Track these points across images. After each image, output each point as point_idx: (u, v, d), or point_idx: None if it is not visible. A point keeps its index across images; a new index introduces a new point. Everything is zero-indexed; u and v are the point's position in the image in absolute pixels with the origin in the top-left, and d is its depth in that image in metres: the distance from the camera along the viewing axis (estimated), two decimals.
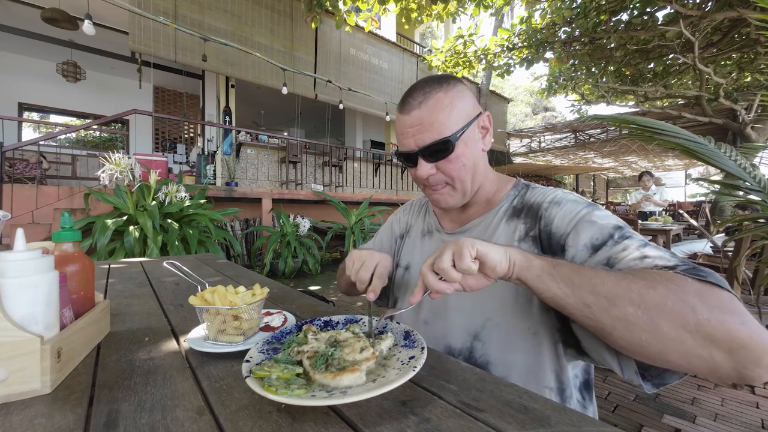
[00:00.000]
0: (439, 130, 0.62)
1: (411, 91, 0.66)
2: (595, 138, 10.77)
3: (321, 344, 0.48)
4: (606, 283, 0.44)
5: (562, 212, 0.60)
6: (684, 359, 0.40)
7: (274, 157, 7.13)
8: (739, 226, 2.46)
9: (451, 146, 0.62)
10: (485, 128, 0.69)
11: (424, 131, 0.63)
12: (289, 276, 4.66)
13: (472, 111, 0.66)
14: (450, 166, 0.64)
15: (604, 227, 0.55)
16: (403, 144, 0.67)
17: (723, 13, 4.31)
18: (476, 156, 0.66)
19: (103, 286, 1.02)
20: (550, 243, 0.60)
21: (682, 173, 16.91)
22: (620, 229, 0.55)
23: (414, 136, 0.64)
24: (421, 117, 0.63)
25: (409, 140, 0.64)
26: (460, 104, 0.64)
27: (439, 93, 0.63)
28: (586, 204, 0.61)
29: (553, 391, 0.58)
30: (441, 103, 0.63)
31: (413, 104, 0.64)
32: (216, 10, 5.74)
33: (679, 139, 1.35)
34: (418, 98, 0.64)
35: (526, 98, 33.61)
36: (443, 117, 0.62)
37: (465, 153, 0.64)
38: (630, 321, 0.42)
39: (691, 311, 0.40)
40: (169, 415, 0.38)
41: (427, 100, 0.63)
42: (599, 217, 0.57)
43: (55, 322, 0.48)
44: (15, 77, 6.96)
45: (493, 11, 6.24)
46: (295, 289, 1.02)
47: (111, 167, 3.06)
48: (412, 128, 0.64)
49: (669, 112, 6.24)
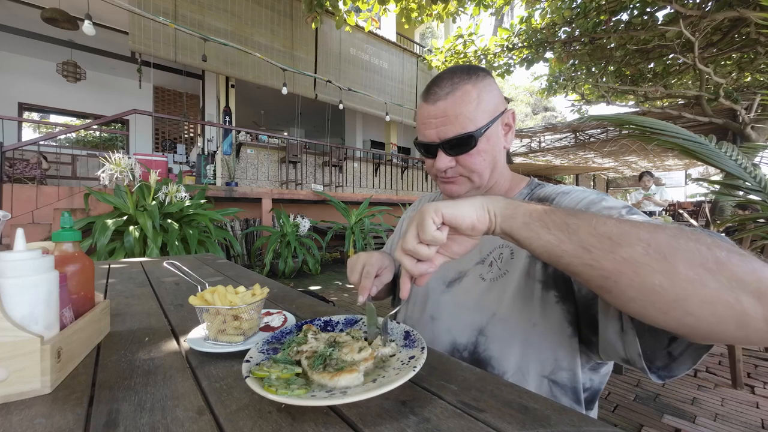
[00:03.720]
0: (463, 124, 0.60)
1: (438, 80, 0.63)
2: (595, 138, 10.77)
3: (320, 344, 0.48)
4: (608, 224, 0.38)
5: (570, 198, 0.60)
6: (708, 307, 0.33)
7: (274, 157, 7.13)
8: (739, 225, 2.46)
9: (474, 141, 0.60)
10: (509, 125, 0.67)
11: (447, 123, 0.60)
12: (289, 276, 4.66)
13: (499, 106, 0.64)
14: (470, 159, 0.62)
15: (613, 207, 0.54)
16: (424, 134, 0.64)
17: (723, 13, 4.31)
18: (497, 152, 0.65)
19: (103, 286, 1.02)
20: None
21: (682, 173, 16.91)
22: (629, 208, 0.53)
23: (437, 127, 0.61)
24: (446, 109, 0.60)
25: (431, 131, 0.62)
26: (487, 98, 0.62)
27: (467, 85, 0.61)
28: (596, 193, 0.60)
29: (559, 386, 0.57)
30: (468, 96, 0.60)
31: (440, 94, 0.61)
32: (216, 10, 5.74)
33: (678, 138, 1.35)
34: (445, 88, 0.61)
35: (526, 98, 33.62)
36: (469, 111, 0.60)
37: (486, 149, 0.62)
38: (639, 261, 0.35)
39: (708, 249, 0.34)
40: (169, 415, 0.38)
41: (455, 91, 0.60)
42: (608, 203, 0.55)
43: (55, 322, 0.48)
44: (15, 77, 6.96)
45: (493, 11, 6.24)
46: (295, 289, 1.02)
47: (111, 167, 3.06)
48: (436, 119, 0.61)
49: (669, 112, 6.24)
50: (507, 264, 0.63)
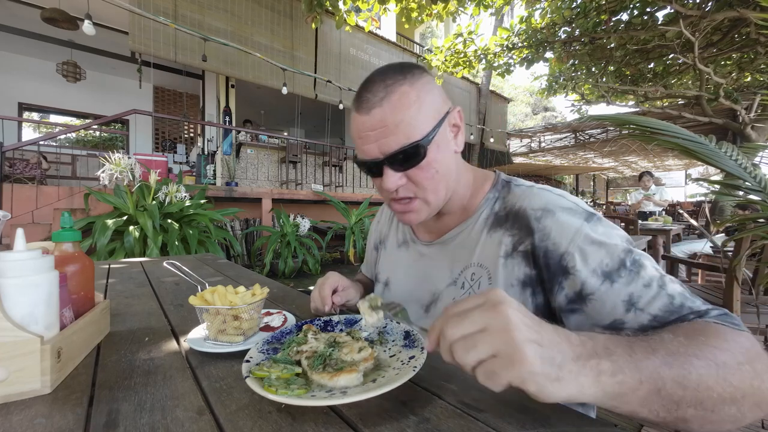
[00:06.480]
0: (407, 133, 0.52)
1: (368, 83, 0.55)
2: (595, 138, 10.78)
3: (320, 344, 0.48)
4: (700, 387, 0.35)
5: (559, 224, 0.53)
6: (735, 426, 0.36)
7: (274, 157, 7.13)
8: (739, 225, 2.46)
9: (422, 151, 0.53)
10: (456, 126, 0.60)
11: (389, 134, 0.53)
12: (289, 276, 4.66)
13: (443, 106, 0.57)
14: (422, 174, 0.55)
15: (613, 250, 0.49)
16: (363, 150, 0.56)
17: (723, 13, 4.31)
18: (449, 160, 0.58)
19: (103, 286, 1.02)
20: (548, 262, 0.53)
21: (682, 173, 16.93)
22: (630, 252, 0.49)
23: (377, 140, 0.53)
24: (383, 117, 0.52)
25: (371, 146, 0.54)
26: (428, 99, 0.55)
27: (403, 86, 0.53)
28: (583, 213, 0.54)
29: None
30: (407, 98, 0.53)
31: (373, 101, 0.53)
32: (216, 10, 5.74)
33: (678, 138, 1.35)
34: (378, 93, 0.53)
35: (526, 98, 33.61)
36: (411, 116, 0.52)
37: (437, 158, 0.55)
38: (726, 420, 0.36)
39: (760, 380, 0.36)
40: (169, 415, 0.38)
41: (390, 95, 0.53)
42: (604, 235, 0.51)
43: (55, 322, 0.48)
44: (15, 77, 6.96)
45: (493, 11, 6.24)
46: (295, 289, 1.02)
47: (111, 167, 3.06)
48: (374, 131, 0.53)
49: (669, 112, 6.25)
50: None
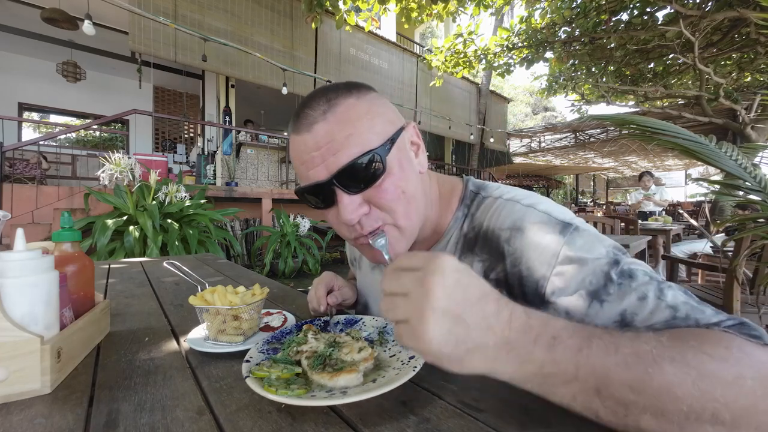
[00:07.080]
0: (359, 143, 0.44)
1: (308, 100, 0.47)
2: (595, 138, 10.79)
3: (320, 344, 0.48)
4: (662, 395, 0.29)
5: (532, 246, 0.45)
6: None
7: (274, 157, 7.13)
8: (739, 225, 2.46)
9: (380, 164, 0.44)
10: (416, 144, 0.52)
11: (337, 150, 0.43)
12: (289, 276, 4.66)
13: (397, 120, 0.50)
14: (387, 196, 0.46)
15: (596, 265, 0.42)
16: (307, 177, 0.46)
17: (723, 13, 4.31)
18: (415, 181, 0.49)
19: (103, 286, 1.02)
20: (524, 290, 0.46)
21: (682, 173, 16.94)
22: (615, 263, 0.42)
23: (324, 160, 0.44)
24: (329, 131, 0.44)
25: (317, 169, 0.44)
26: (380, 110, 0.48)
27: (350, 99, 0.46)
28: (557, 225, 0.45)
29: None
30: (355, 109, 0.45)
31: (314, 115, 0.45)
32: (216, 10, 5.74)
33: (679, 138, 1.35)
34: (320, 107, 0.45)
35: (526, 98, 33.62)
36: (363, 127, 0.44)
37: (402, 177, 0.47)
38: None
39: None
40: (169, 415, 0.38)
41: (335, 107, 0.45)
42: (584, 249, 0.43)
43: (55, 322, 0.48)
44: (15, 77, 6.96)
45: (493, 11, 6.25)
46: (295, 289, 1.02)
47: (111, 167, 3.06)
48: (319, 150, 0.44)
49: (669, 112, 6.25)
50: None
